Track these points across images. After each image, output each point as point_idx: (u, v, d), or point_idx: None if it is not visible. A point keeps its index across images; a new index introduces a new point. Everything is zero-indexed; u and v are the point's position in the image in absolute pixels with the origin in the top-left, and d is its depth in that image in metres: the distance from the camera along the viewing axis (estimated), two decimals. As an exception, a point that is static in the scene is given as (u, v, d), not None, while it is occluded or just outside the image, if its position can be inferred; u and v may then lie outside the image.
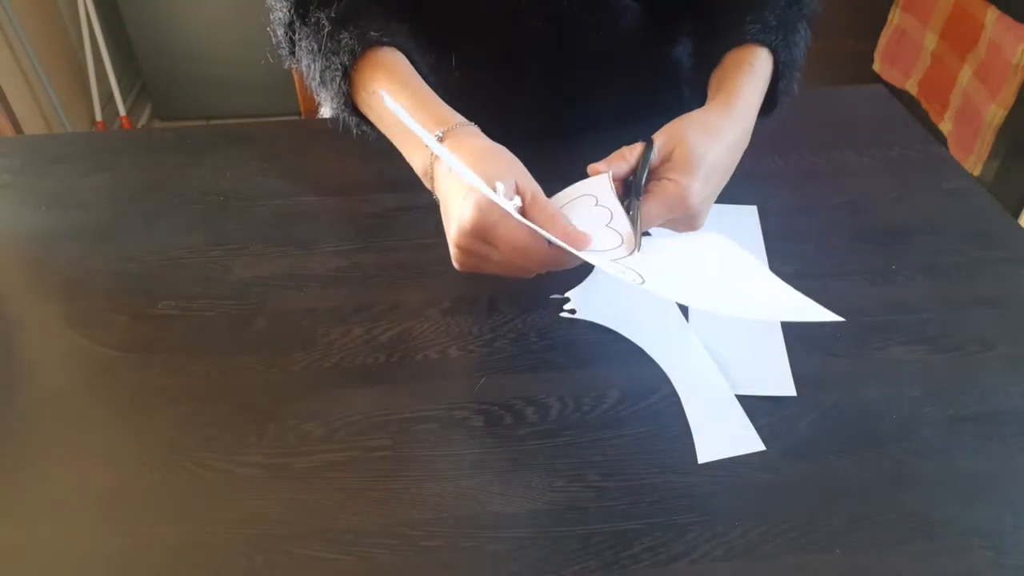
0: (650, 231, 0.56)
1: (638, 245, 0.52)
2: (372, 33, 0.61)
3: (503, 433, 0.53)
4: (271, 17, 0.69)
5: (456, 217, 0.51)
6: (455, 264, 0.53)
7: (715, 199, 0.58)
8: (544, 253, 0.50)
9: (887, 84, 1.93)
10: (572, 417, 0.54)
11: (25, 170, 0.80)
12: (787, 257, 0.67)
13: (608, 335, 0.60)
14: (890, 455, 0.51)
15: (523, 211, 0.50)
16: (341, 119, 0.66)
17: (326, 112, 0.92)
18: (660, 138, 0.57)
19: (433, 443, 0.53)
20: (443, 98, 0.59)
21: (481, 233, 0.50)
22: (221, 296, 0.64)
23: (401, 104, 0.55)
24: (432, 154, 0.55)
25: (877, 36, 2.03)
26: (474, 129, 0.56)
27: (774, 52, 0.63)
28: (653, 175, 0.56)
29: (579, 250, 0.49)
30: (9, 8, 1.89)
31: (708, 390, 0.56)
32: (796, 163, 0.79)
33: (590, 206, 0.54)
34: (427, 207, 0.72)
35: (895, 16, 1.97)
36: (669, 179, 0.55)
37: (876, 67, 2.04)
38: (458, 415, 0.54)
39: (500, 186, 0.49)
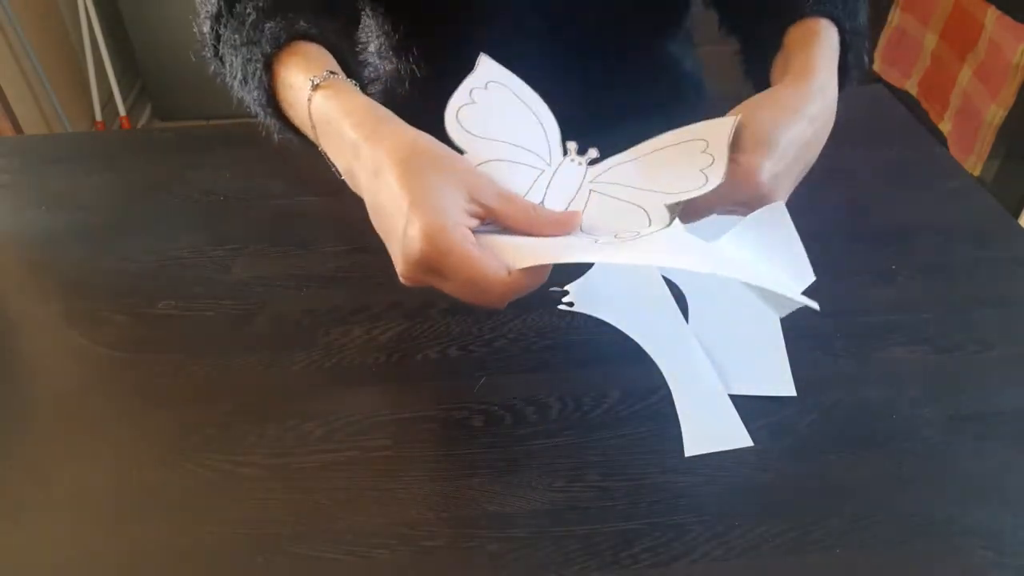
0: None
1: (670, 220, 0.46)
2: (301, 24, 0.54)
3: (503, 433, 0.53)
4: (200, 11, 0.63)
5: (399, 247, 0.44)
6: (403, 281, 0.47)
7: (797, 180, 0.52)
8: (504, 284, 0.42)
9: (887, 84, 1.92)
10: (572, 417, 0.54)
11: (25, 170, 0.80)
12: (787, 257, 0.67)
13: (608, 335, 0.60)
14: (890, 455, 0.51)
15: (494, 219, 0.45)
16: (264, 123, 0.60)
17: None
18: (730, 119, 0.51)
19: (433, 443, 0.53)
20: (429, 98, 0.54)
21: (431, 265, 0.42)
22: (221, 296, 0.64)
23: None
24: (352, 152, 0.48)
25: (877, 36, 2.03)
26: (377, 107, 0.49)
27: (837, 22, 0.58)
28: None
29: (567, 231, 0.45)
30: (9, 8, 1.89)
31: (700, 385, 0.56)
32: (796, 163, 0.79)
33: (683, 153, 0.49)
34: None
35: (895, 16, 1.97)
36: (731, 159, 0.48)
37: (876, 67, 2.04)
38: (458, 415, 0.54)
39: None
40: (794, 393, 0.55)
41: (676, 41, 0.84)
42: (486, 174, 0.47)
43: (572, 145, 0.50)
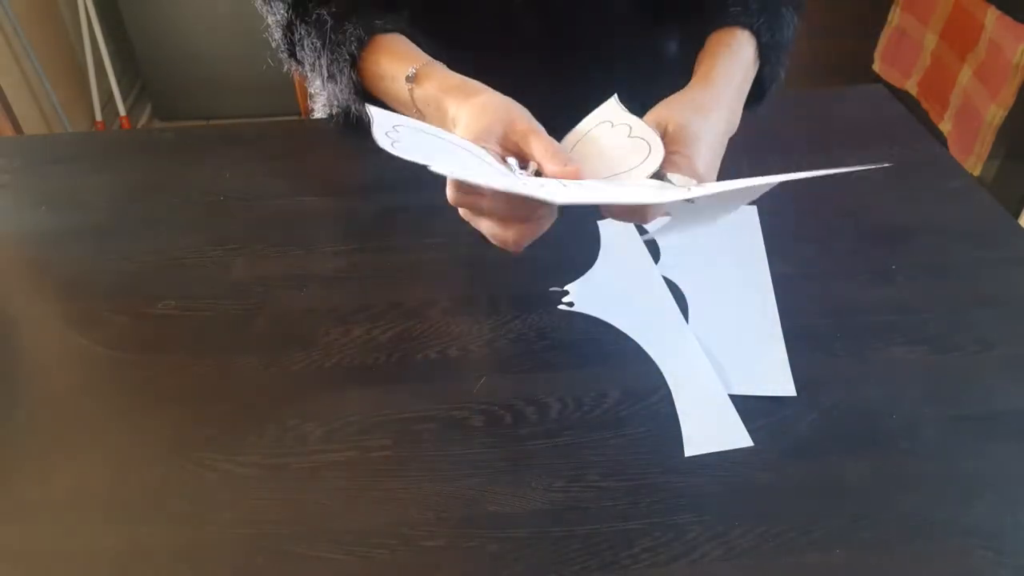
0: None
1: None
2: (376, 21, 0.62)
3: (503, 433, 0.53)
4: (268, 21, 0.69)
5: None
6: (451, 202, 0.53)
7: (716, 172, 0.57)
8: (519, 236, 0.49)
9: (887, 84, 1.93)
10: (572, 417, 0.54)
11: (25, 170, 0.80)
12: (787, 257, 0.67)
13: (608, 335, 0.60)
14: (890, 455, 0.51)
15: (519, 153, 0.51)
16: (343, 116, 0.66)
17: (318, 112, 0.92)
18: (650, 122, 0.56)
19: (433, 443, 0.53)
20: None
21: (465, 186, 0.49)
22: (221, 296, 0.64)
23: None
24: (451, 118, 0.55)
25: (877, 36, 2.03)
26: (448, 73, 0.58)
27: (756, 35, 0.64)
28: None
29: (574, 179, 0.48)
30: (9, 8, 1.89)
31: (700, 385, 0.56)
32: (796, 163, 0.79)
33: (607, 130, 0.54)
34: (427, 207, 0.72)
35: (895, 16, 1.97)
36: (672, 151, 0.54)
37: (876, 67, 2.04)
38: (458, 415, 0.54)
39: (513, 161, 0.50)
40: (794, 393, 0.55)
41: (675, 41, 0.84)
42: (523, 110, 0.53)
43: (512, 161, 0.51)
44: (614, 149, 0.53)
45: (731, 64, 0.62)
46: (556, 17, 0.73)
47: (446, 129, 0.55)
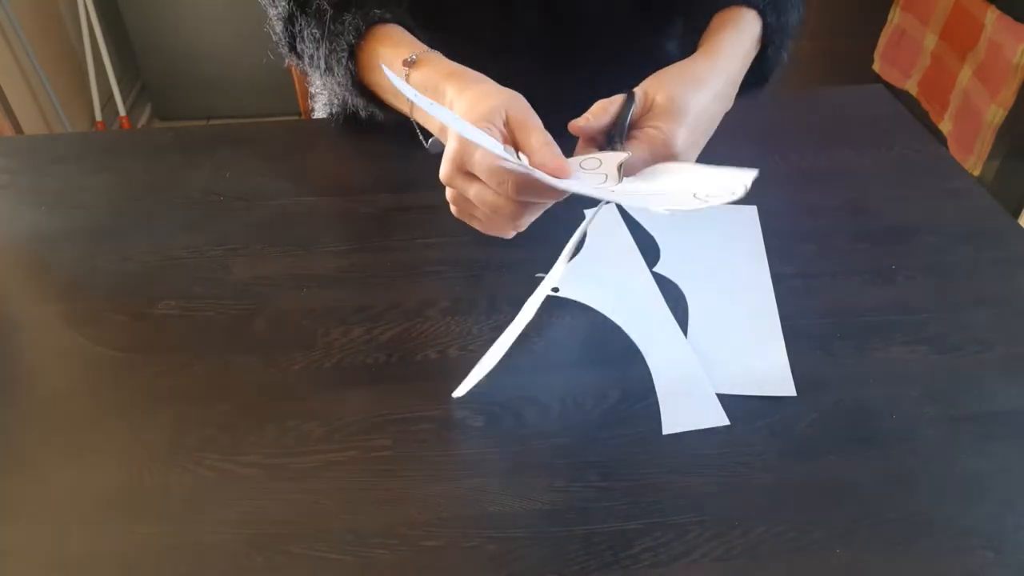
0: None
1: (620, 178, 0.51)
2: (375, 11, 0.62)
3: (503, 433, 0.53)
4: (269, 14, 0.70)
5: (445, 152, 0.50)
6: (452, 208, 0.53)
7: (700, 149, 0.57)
8: (519, 177, 0.47)
9: (887, 84, 1.93)
10: (572, 417, 0.54)
11: (25, 170, 0.80)
12: (787, 257, 0.67)
13: (608, 335, 0.60)
14: (890, 455, 0.52)
15: (514, 142, 0.50)
16: (346, 108, 0.67)
17: (318, 112, 0.92)
18: (640, 90, 0.56)
19: (433, 443, 0.53)
20: None
21: (460, 162, 0.49)
22: (221, 296, 0.64)
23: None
24: (448, 102, 0.55)
25: (877, 36, 2.03)
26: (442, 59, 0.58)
27: (762, 15, 0.64)
28: (636, 126, 0.55)
29: (561, 178, 0.48)
30: (9, 8, 1.89)
31: (678, 365, 0.57)
32: (796, 163, 0.79)
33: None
34: (427, 207, 0.73)
35: (895, 16, 1.97)
36: (652, 126, 0.54)
37: (876, 67, 2.04)
38: (458, 415, 0.54)
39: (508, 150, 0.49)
40: (794, 393, 0.55)
41: (675, 40, 0.84)
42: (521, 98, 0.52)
43: (510, 148, 0.51)
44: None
45: (736, 38, 0.62)
46: (557, 13, 0.73)
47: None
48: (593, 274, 0.65)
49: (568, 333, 0.60)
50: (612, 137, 0.55)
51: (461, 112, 0.51)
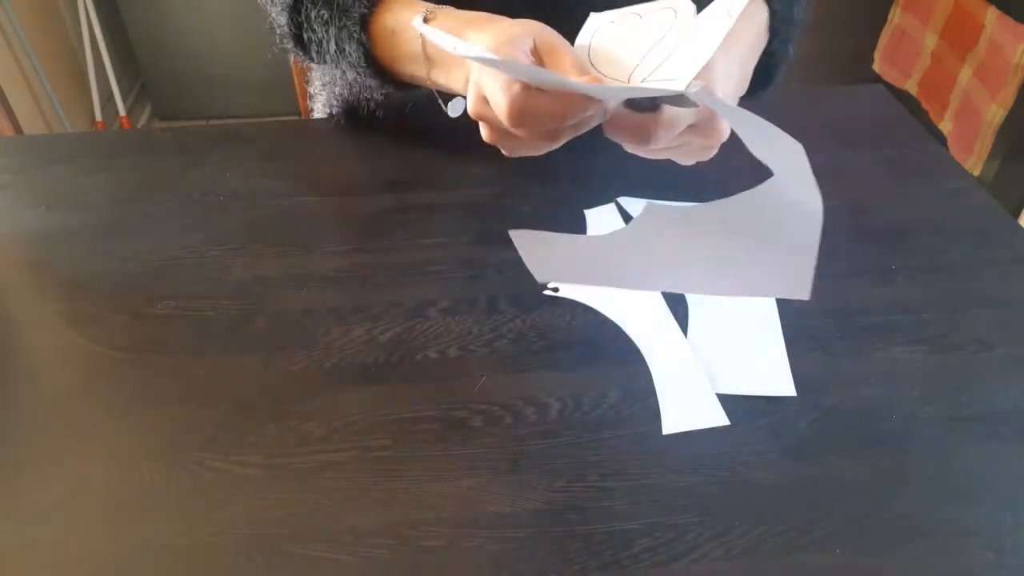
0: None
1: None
2: None
3: (503, 433, 0.53)
4: (269, 11, 0.69)
5: (494, 102, 0.49)
6: (498, 145, 0.53)
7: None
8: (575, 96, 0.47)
9: (887, 84, 1.93)
10: (572, 417, 0.54)
11: (25, 170, 0.80)
12: (787, 257, 0.67)
13: (608, 335, 0.60)
14: (890, 455, 0.52)
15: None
16: (343, 116, 0.66)
17: (318, 112, 0.92)
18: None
19: (433, 443, 0.53)
20: None
21: (480, 89, 0.49)
22: (221, 296, 0.64)
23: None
24: (469, 64, 0.55)
25: (877, 36, 2.03)
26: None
27: (768, 2, 0.63)
28: None
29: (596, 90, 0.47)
30: (9, 8, 1.89)
31: (678, 365, 0.57)
32: (796, 163, 0.79)
33: (614, 30, 0.54)
34: (427, 207, 0.73)
35: (895, 16, 1.97)
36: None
37: (876, 67, 2.05)
38: (458, 415, 0.54)
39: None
40: (794, 393, 0.55)
41: None
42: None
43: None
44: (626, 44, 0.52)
45: (744, 24, 0.60)
46: (555, 13, 0.73)
47: (463, 69, 0.55)
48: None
49: (568, 333, 0.60)
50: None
51: (486, 44, 0.51)
